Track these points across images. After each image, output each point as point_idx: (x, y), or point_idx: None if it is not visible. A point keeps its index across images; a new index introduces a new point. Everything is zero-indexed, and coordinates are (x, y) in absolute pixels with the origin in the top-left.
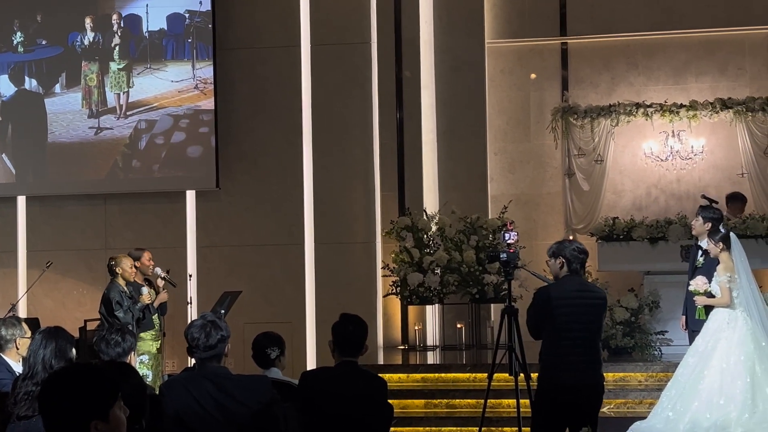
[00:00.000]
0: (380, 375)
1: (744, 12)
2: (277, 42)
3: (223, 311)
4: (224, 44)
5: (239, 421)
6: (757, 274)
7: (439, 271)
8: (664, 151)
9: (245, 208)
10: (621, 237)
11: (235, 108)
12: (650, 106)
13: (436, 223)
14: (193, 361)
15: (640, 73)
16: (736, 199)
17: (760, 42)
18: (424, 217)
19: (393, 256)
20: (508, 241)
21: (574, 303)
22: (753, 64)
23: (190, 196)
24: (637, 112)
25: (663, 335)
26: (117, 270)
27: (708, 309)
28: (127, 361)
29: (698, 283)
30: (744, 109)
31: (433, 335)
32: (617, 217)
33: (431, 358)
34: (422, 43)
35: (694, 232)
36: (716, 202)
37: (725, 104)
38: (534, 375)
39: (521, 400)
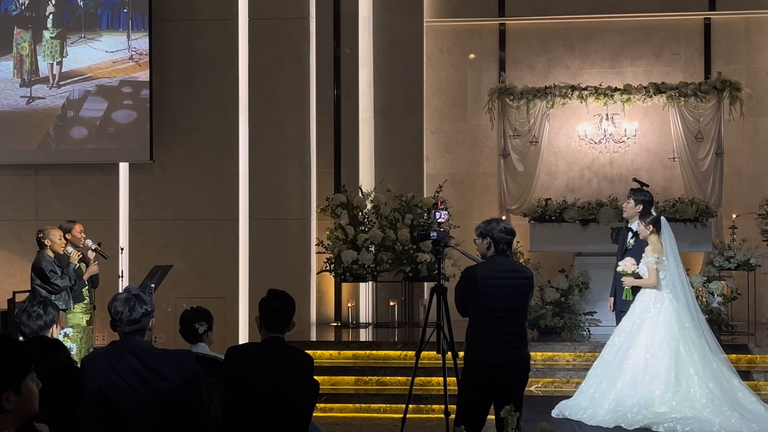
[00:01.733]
0: (312, 351)
1: None
2: (215, 15)
3: (153, 285)
4: (160, 15)
5: (162, 396)
6: (684, 257)
7: (373, 249)
8: (597, 133)
9: (179, 181)
10: (553, 218)
11: (170, 80)
12: (585, 89)
13: (372, 201)
14: None
15: (576, 56)
16: None
17: (695, 27)
18: (360, 195)
19: (327, 233)
20: (439, 220)
21: (500, 282)
22: (687, 50)
23: (124, 168)
24: (572, 94)
25: (592, 316)
26: (45, 242)
27: (635, 290)
28: (49, 335)
29: (626, 264)
30: (677, 94)
31: (366, 313)
32: (550, 199)
33: (363, 335)
34: (361, 19)
35: (625, 215)
36: (647, 186)
37: (659, 89)
38: (461, 353)
39: (448, 378)
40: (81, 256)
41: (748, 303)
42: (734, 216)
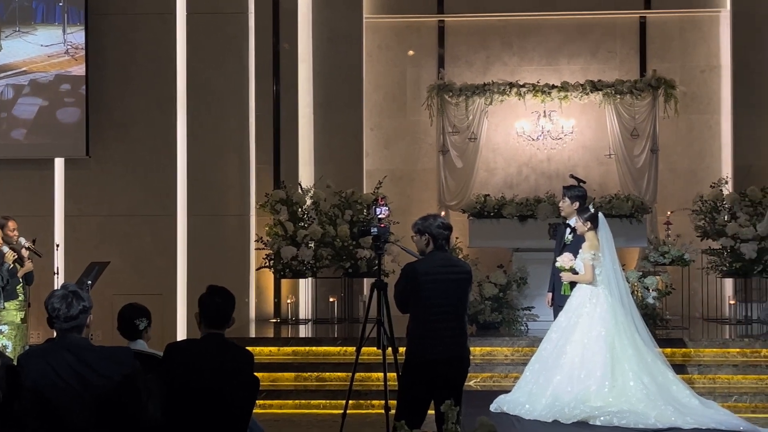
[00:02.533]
0: (251, 348)
1: None
2: (152, 9)
3: (89, 282)
4: (96, 9)
5: (100, 393)
6: (620, 252)
7: (313, 245)
8: (535, 130)
9: (116, 177)
10: (492, 214)
11: (107, 75)
12: (523, 86)
13: (311, 197)
14: None
15: (514, 53)
16: None
17: (630, 26)
18: (299, 191)
19: (267, 229)
20: (380, 216)
21: (440, 278)
22: (623, 48)
23: (59, 163)
24: (510, 91)
25: (529, 311)
26: None
27: (573, 285)
28: None
29: (564, 259)
30: (613, 92)
31: (305, 309)
32: (489, 195)
33: (303, 331)
34: (300, 15)
35: (563, 213)
36: (584, 182)
37: (595, 86)
38: (402, 349)
39: (389, 374)
40: (16, 256)
41: (682, 298)
42: (669, 212)
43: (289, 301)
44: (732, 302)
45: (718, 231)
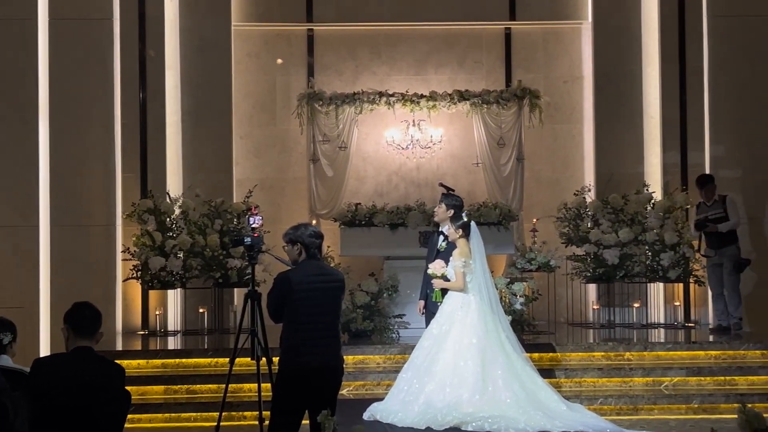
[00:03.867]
0: (118, 361)
1: (481, 8)
2: (11, 14)
3: None
4: None
5: None
6: (488, 259)
7: (182, 255)
8: (405, 139)
9: None
10: (363, 222)
11: None
12: (392, 95)
13: (180, 207)
14: None
15: (383, 62)
16: (711, 180)
17: (496, 37)
18: (167, 200)
19: (134, 239)
20: (253, 225)
21: (314, 287)
22: (489, 58)
23: None
24: (379, 100)
25: (401, 318)
26: None
27: (444, 292)
28: None
29: (436, 266)
30: (480, 101)
31: (174, 320)
32: (360, 203)
33: (172, 343)
34: (167, 21)
35: (436, 219)
36: (453, 190)
37: (462, 96)
38: (276, 359)
39: (263, 384)
40: None
41: (548, 303)
42: (534, 219)
43: (157, 312)
44: (596, 307)
45: (582, 238)
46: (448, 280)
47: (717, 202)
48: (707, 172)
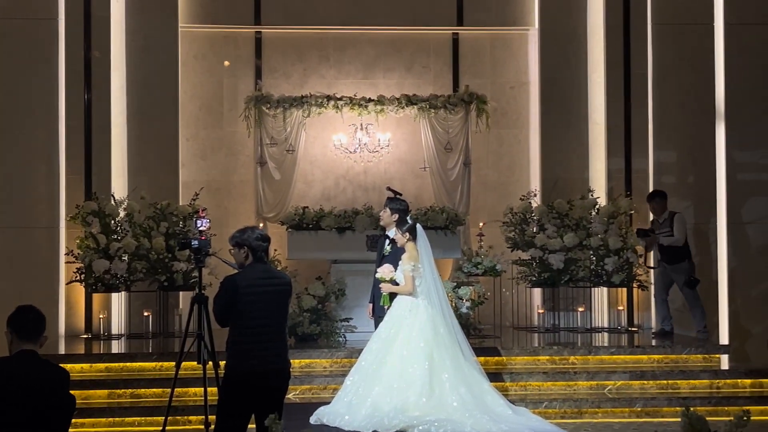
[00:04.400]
0: (62, 365)
1: (429, 13)
2: None
3: None
4: None
5: None
6: (436, 263)
7: (126, 258)
8: (352, 143)
9: None
10: (310, 226)
11: None
12: (341, 99)
13: (125, 209)
14: None
15: (331, 66)
16: (661, 196)
17: (443, 42)
18: (112, 202)
19: (78, 241)
20: (200, 228)
21: (260, 290)
22: (437, 63)
23: None
24: (327, 104)
25: (348, 322)
26: None
27: (393, 296)
28: None
29: (384, 270)
30: (427, 106)
31: (118, 323)
32: (307, 207)
33: (116, 347)
34: (113, 22)
35: (382, 223)
36: (400, 194)
37: (410, 100)
38: (222, 363)
39: (209, 388)
40: None
41: (494, 307)
42: (481, 224)
43: (101, 316)
44: (540, 311)
45: (528, 242)
46: (397, 284)
47: (667, 220)
48: (651, 177)
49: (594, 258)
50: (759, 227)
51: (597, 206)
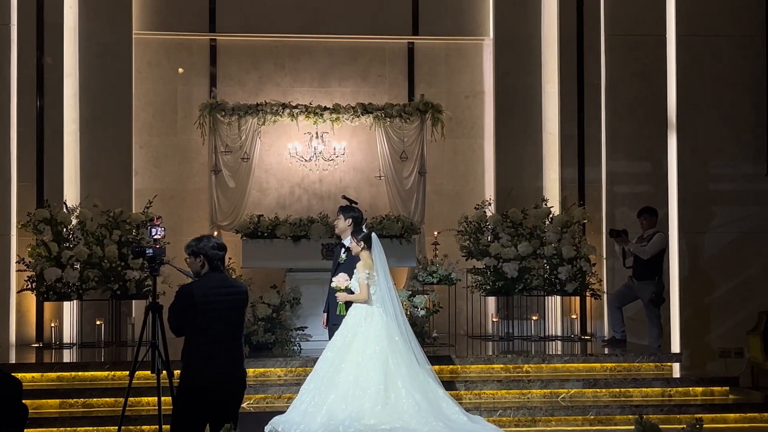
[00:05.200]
0: (13, 374)
1: (385, 22)
2: None
3: None
4: None
5: None
6: (391, 272)
7: (79, 266)
8: (308, 151)
9: None
10: (265, 234)
11: None
12: (296, 107)
13: (77, 217)
14: None
15: (287, 74)
16: (650, 213)
17: (399, 51)
18: (64, 210)
19: (29, 249)
20: (155, 237)
21: (218, 299)
22: (392, 72)
23: None
24: (283, 112)
25: (303, 331)
26: None
27: (348, 305)
28: None
29: (340, 279)
30: (383, 115)
31: (70, 332)
32: (262, 215)
33: (68, 356)
34: (66, 28)
35: (337, 231)
36: (356, 203)
37: (366, 109)
38: (177, 372)
39: (163, 398)
40: None
41: (449, 316)
42: (436, 233)
43: (52, 324)
44: (495, 320)
45: (482, 251)
46: (352, 293)
47: (650, 236)
48: (604, 187)
49: (548, 267)
50: (710, 237)
51: (551, 215)
